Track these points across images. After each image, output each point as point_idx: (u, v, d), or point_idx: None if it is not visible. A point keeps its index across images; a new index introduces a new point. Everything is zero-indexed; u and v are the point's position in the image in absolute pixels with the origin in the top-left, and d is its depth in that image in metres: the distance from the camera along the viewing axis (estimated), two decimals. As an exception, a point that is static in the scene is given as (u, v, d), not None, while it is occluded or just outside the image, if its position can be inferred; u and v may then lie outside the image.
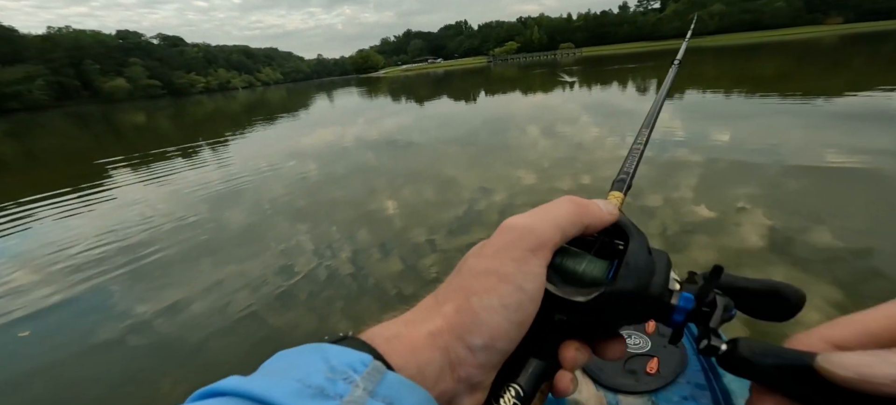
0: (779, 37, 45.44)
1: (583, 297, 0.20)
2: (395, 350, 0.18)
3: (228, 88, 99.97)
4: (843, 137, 3.67)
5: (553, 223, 0.20)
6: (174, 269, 2.47)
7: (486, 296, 0.19)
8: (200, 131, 10.64)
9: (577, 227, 0.21)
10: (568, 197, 0.22)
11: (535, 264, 0.19)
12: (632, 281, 0.20)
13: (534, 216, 0.21)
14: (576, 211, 0.21)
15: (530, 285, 0.19)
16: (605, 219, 0.22)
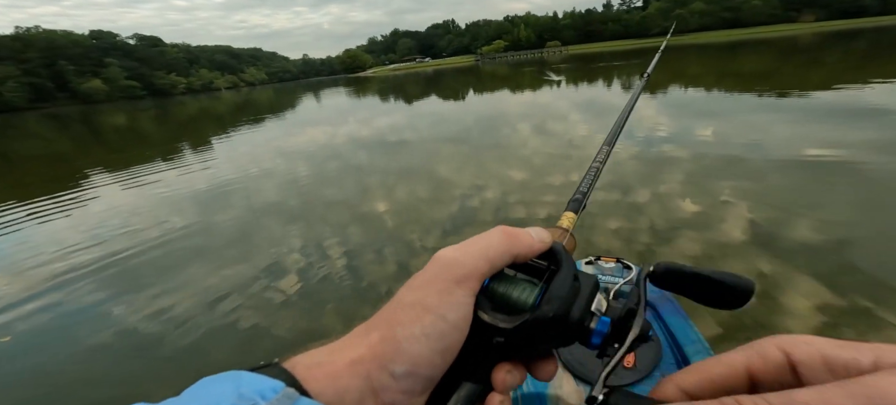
0: (758, 34, 46.77)
1: (508, 324, 0.21)
2: (314, 377, 0.19)
3: (212, 89, 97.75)
4: (821, 131, 3.82)
5: (481, 255, 0.22)
6: (161, 273, 2.42)
7: (409, 326, 0.20)
8: (185, 133, 10.39)
9: (506, 257, 0.23)
10: (500, 227, 0.23)
11: (460, 295, 0.21)
12: (553, 308, 0.21)
13: (462, 248, 0.22)
14: (505, 241, 0.23)
15: (454, 315, 0.20)
16: (535, 248, 0.23)
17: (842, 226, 2.04)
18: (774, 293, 1.56)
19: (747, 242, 1.98)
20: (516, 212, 2.69)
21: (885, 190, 2.44)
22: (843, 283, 1.58)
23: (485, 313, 0.22)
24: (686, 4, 73.92)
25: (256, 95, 33.15)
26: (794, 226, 2.07)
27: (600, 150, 0.54)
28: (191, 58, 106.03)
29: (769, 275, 1.67)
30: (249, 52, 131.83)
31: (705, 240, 2.04)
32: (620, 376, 0.82)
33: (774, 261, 1.78)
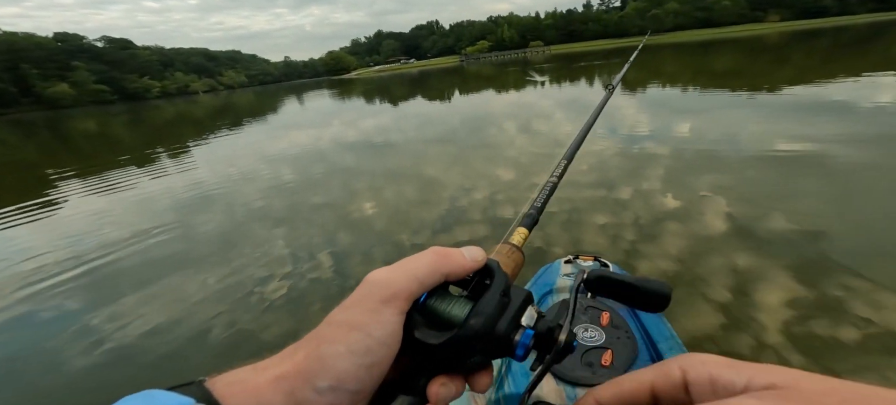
0: (728, 34, 48.77)
1: (436, 339, 0.22)
2: (233, 393, 0.19)
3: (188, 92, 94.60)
4: (790, 126, 4.01)
5: (410, 275, 0.23)
6: (139, 281, 2.32)
7: (334, 343, 0.21)
8: (161, 138, 10.02)
9: (437, 276, 0.24)
10: (432, 249, 0.25)
11: (388, 313, 0.22)
12: (479, 323, 0.22)
13: (392, 269, 0.24)
14: (435, 261, 0.24)
15: (380, 332, 0.21)
16: (467, 267, 0.25)
17: (813, 218, 2.14)
18: (751, 287, 1.63)
19: (727, 235, 2.06)
20: (505, 211, 2.72)
21: (851, 181, 2.59)
22: (816, 274, 1.67)
23: (416, 330, 0.23)
24: (661, 4, 76.42)
25: (236, 99, 32.27)
26: (769, 219, 2.17)
27: (559, 164, 0.55)
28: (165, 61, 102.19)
29: (746, 269, 1.75)
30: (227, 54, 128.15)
31: (687, 234, 2.11)
32: (598, 374, 0.85)
33: (752, 253, 1.86)
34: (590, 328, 0.95)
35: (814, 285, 1.58)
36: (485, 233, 2.43)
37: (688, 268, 1.81)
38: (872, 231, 1.97)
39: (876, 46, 13.01)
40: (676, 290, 1.66)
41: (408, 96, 14.23)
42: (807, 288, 1.58)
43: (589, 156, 3.82)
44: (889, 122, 3.78)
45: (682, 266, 1.84)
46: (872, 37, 17.94)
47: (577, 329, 0.96)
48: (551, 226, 2.39)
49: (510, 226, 0.36)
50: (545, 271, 1.23)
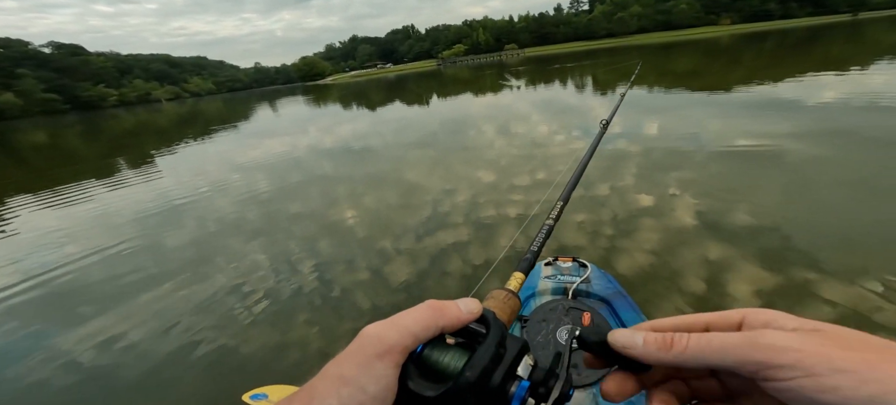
0: (687, 36, 51.85)
1: (432, 392, 0.22)
2: None
3: (150, 101, 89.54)
4: (747, 124, 4.29)
5: (405, 330, 0.23)
6: (104, 301, 2.16)
7: (326, 397, 0.21)
8: (121, 149, 9.41)
9: (432, 330, 0.24)
10: (428, 302, 0.25)
11: (381, 368, 0.22)
12: (474, 375, 0.23)
13: (387, 324, 0.24)
14: (430, 315, 0.24)
15: (373, 387, 0.21)
16: (462, 319, 0.25)
17: (772, 209, 2.30)
18: (722, 276, 1.73)
19: (696, 229, 2.17)
20: (487, 212, 2.74)
21: (804, 173, 2.80)
22: (779, 262, 1.79)
23: (411, 381, 0.23)
24: (626, 8, 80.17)
25: (204, 107, 30.84)
26: (733, 213, 2.31)
27: (554, 206, 0.57)
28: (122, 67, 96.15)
29: (716, 261, 1.85)
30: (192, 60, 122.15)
31: (661, 229, 2.21)
32: (584, 375, 0.87)
33: (720, 245, 1.97)
34: (574, 329, 0.97)
35: (777, 273, 1.70)
36: (466, 236, 2.45)
37: (663, 263, 1.89)
38: (824, 219, 2.14)
39: (815, 48, 14.22)
40: (653, 284, 1.74)
41: (386, 101, 14.12)
42: (771, 276, 1.69)
43: (567, 156, 3.93)
44: (832, 118, 4.13)
45: (658, 260, 1.92)
46: (811, 39, 19.60)
47: (560, 331, 0.99)
48: (534, 229, 2.43)
49: (492, 263, 0.35)
50: None
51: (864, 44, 13.20)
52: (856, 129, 3.65)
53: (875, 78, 6.18)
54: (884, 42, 13.22)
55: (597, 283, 1.14)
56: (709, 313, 0.24)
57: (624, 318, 1.03)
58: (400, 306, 1.73)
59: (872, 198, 2.32)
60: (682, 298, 1.62)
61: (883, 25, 26.12)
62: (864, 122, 3.81)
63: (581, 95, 8.81)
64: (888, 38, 14.84)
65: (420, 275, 2.09)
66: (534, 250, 0.44)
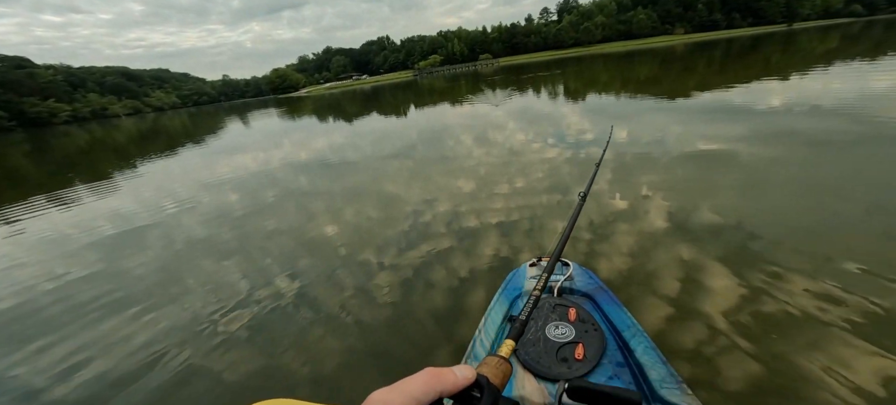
0: (645, 45, 55.33)
1: None
2: None
3: (106, 116, 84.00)
4: (704, 128, 4.60)
5: (408, 396, 0.26)
6: (64, 329, 1.98)
7: None
8: (74, 168, 8.73)
9: (433, 395, 0.27)
10: (426, 370, 0.28)
11: None
12: None
13: (392, 391, 0.26)
14: (430, 382, 0.27)
15: None
16: (459, 385, 0.28)
17: (734, 207, 2.47)
18: (696, 275, 1.82)
19: (669, 230, 2.29)
20: (468, 223, 2.76)
21: (758, 173, 3.03)
22: (744, 258, 1.91)
23: None
24: (591, 18, 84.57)
25: (167, 122, 29.29)
26: (699, 213, 2.46)
27: (540, 279, 0.61)
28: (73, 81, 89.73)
29: (687, 260, 1.96)
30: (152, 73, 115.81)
31: (636, 232, 2.31)
32: (574, 368, 0.89)
33: (690, 245, 2.09)
34: (560, 325, 0.97)
35: (742, 268, 1.82)
36: (450, 245, 2.45)
37: (639, 264, 1.98)
38: (780, 216, 2.32)
39: (757, 56, 15.54)
40: (633, 285, 1.81)
41: (362, 113, 13.99)
42: (737, 271, 1.81)
43: (543, 163, 4.05)
44: (780, 122, 4.51)
45: (634, 261, 2.01)
46: (753, 47, 21.42)
47: (548, 328, 1.01)
48: (515, 234, 2.48)
49: (475, 273, 0.36)
50: (513, 276, 1.27)
51: (798, 53, 14.58)
52: (799, 131, 4.00)
53: (813, 84, 6.83)
54: (815, 50, 14.66)
55: (579, 280, 1.17)
56: None
57: (607, 311, 1.06)
58: (385, 322, 1.69)
59: (818, 193, 2.54)
60: (658, 297, 1.70)
61: (813, 34, 29.02)
62: (805, 125, 4.19)
63: (555, 104, 9.12)
64: (819, 46, 16.48)
65: (405, 287, 2.07)
66: (522, 319, 0.50)
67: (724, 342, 1.41)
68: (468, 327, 1.67)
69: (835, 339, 1.37)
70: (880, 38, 16.92)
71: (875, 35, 19.76)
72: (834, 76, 7.58)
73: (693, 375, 1.29)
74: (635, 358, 0.95)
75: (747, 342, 1.40)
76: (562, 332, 0.96)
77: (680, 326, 1.52)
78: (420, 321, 1.78)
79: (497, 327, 1.03)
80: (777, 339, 1.40)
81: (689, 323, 1.53)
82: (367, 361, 1.58)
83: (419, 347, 1.62)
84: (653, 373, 0.84)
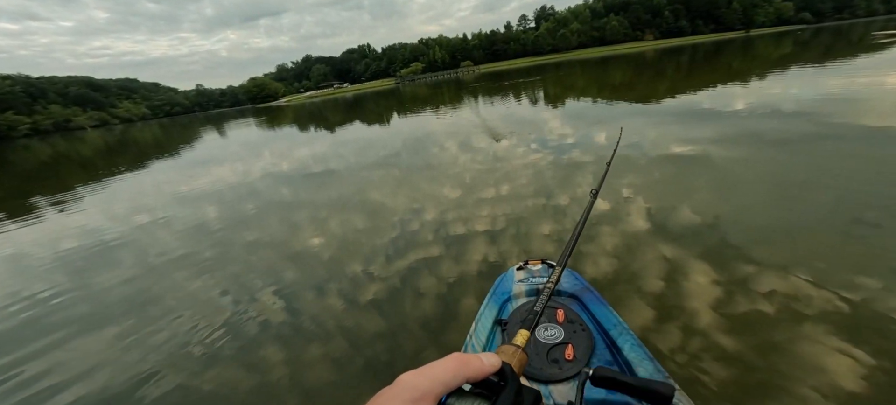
0: (619, 51, 57.71)
1: None
2: None
3: (70, 128, 79.52)
4: (678, 131, 4.82)
5: (436, 380, 0.26)
6: (32, 352, 1.84)
7: None
8: (36, 184, 8.20)
9: (459, 380, 0.28)
10: (454, 355, 0.29)
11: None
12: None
13: (420, 374, 0.27)
14: (458, 367, 0.28)
15: None
16: (485, 371, 0.29)
17: (709, 207, 2.59)
18: (677, 274, 1.90)
19: (650, 231, 2.37)
20: (456, 230, 2.78)
21: (730, 174, 3.19)
22: (722, 255, 2.00)
23: None
24: (567, 25, 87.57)
25: (137, 133, 28.03)
26: (678, 212, 2.56)
27: (554, 271, 0.63)
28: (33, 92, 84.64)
29: (669, 258, 2.04)
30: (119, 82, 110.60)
31: (620, 233, 2.39)
32: (564, 368, 0.91)
33: (670, 245, 2.17)
34: (549, 327, 0.99)
35: (719, 266, 1.91)
36: (438, 253, 2.46)
37: (624, 263, 2.04)
38: (753, 213, 2.45)
39: (720, 61, 16.48)
40: (618, 285, 1.87)
41: (345, 121, 13.85)
42: (715, 269, 1.90)
43: (527, 167, 4.13)
44: (745, 124, 4.78)
45: (618, 261, 2.07)
46: (716, 53, 22.72)
47: (538, 330, 1.02)
48: (503, 240, 2.51)
49: (465, 279, 0.37)
50: (501, 280, 1.29)
51: (757, 58, 15.54)
52: (763, 132, 4.26)
53: (772, 88, 7.29)
54: (772, 56, 15.68)
55: (566, 282, 1.19)
56: None
57: (594, 312, 1.08)
58: (375, 333, 1.67)
59: (786, 191, 2.71)
60: (644, 298, 1.76)
61: (769, 41, 31.06)
62: (769, 127, 4.47)
63: (536, 109, 9.32)
64: (775, 52, 17.65)
65: (394, 296, 2.06)
66: (536, 311, 0.50)
67: (706, 337, 1.48)
68: (458, 333, 1.68)
69: (810, 331, 1.46)
70: (829, 44, 18.28)
71: (824, 41, 21.33)
72: (791, 80, 8.13)
73: (678, 370, 1.34)
74: (623, 356, 0.98)
75: (728, 337, 1.46)
76: (551, 334, 0.98)
77: (664, 324, 1.58)
78: (410, 329, 1.77)
79: (488, 331, 1.03)
80: (756, 333, 1.48)
81: (673, 320, 1.59)
82: (358, 373, 1.56)
83: (410, 356, 1.61)
84: (640, 370, 0.86)
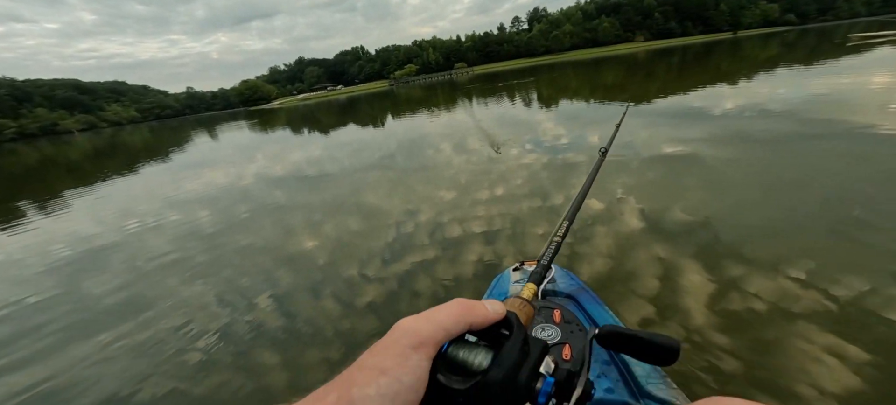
0: (611, 52, 58.47)
1: (462, 385, 0.24)
2: None
3: (57, 132, 78.03)
4: (669, 132, 4.88)
5: (437, 324, 0.24)
6: (26, 359, 1.80)
7: (365, 386, 0.22)
8: (23, 188, 8.02)
9: (462, 326, 0.25)
10: (457, 300, 0.27)
11: (416, 359, 0.23)
12: (502, 371, 0.24)
13: (420, 318, 0.25)
14: (460, 312, 0.26)
15: (409, 378, 0.23)
16: (489, 318, 0.27)
17: (701, 207, 2.62)
18: (671, 273, 1.92)
19: (643, 231, 2.40)
20: (452, 232, 2.78)
21: (720, 174, 3.25)
22: (714, 254, 2.03)
23: (442, 375, 0.24)
24: (559, 26, 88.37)
25: (126, 137, 27.58)
26: (671, 212, 2.59)
27: (560, 225, 0.62)
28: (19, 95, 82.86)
29: (662, 258, 2.06)
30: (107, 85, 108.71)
31: (614, 233, 2.41)
32: (561, 370, 0.91)
33: (663, 244, 2.20)
34: (546, 327, 0.97)
35: (712, 266, 1.93)
36: (434, 255, 2.45)
37: (618, 264, 2.06)
38: (744, 212, 2.50)
39: (709, 62, 16.78)
40: (613, 284, 1.88)
41: (339, 124, 13.78)
42: (708, 269, 1.92)
43: (521, 169, 4.15)
44: (733, 125, 4.86)
45: (614, 261, 2.09)
46: (705, 54, 23.12)
47: (535, 330, 1.03)
48: (499, 241, 2.52)
49: (461, 280, 0.36)
50: (498, 281, 1.30)
51: (745, 59, 15.84)
52: (752, 132, 4.34)
53: (760, 89, 7.43)
54: (759, 57, 15.99)
55: (561, 282, 1.20)
56: None
57: (590, 311, 1.09)
58: (372, 335, 1.67)
59: (775, 189, 2.76)
60: (639, 298, 1.78)
61: (756, 42, 31.68)
62: (758, 127, 4.55)
63: (529, 110, 9.38)
64: (761, 53, 18.00)
65: (390, 299, 2.05)
66: (543, 264, 0.47)
67: (701, 335, 1.50)
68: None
69: (800, 328, 1.49)
70: (813, 45, 18.70)
71: (808, 43, 21.82)
72: (778, 80, 8.29)
73: (675, 368, 1.36)
74: (620, 355, 0.99)
75: (721, 335, 1.49)
76: (549, 334, 0.98)
77: (659, 322, 1.60)
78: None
79: None
80: (748, 330, 1.50)
81: (668, 318, 1.61)
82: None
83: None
84: (638, 369, 0.87)
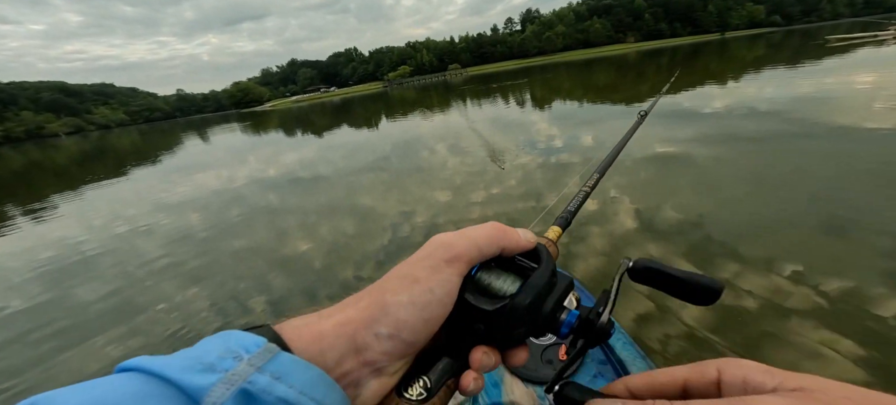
0: (602, 53, 59.19)
1: (489, 306, 0.24)
2: (300, 336, 0.21)
3: (44, 135, 76.43)
4: (660, 132, 4.95)
5: (472, 242, 0.24)
6: (17, 366, 1.76)
7: (398, 293, 0.22)
8: (9, 193, 7.82)
9: (495, 248, 0.25)
10: (493, 222, 0.26)
11: (448, 273, 0.23)
12: (529, 297, 0.24)
13: (456, 234, 0.25)
14: (495, 234, 0.25)
15: (440, 290, 0.23)
16: (521, 245, 0.26)
17: (692, 206, 2.67)
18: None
19: (638, 230, 2.43)
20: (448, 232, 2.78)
21: (711, 173, 3.30)
22: (706, 252, 2.06)
23: (469, 295, 0.24)
24: (552, 28, 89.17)
25: (115, 140, 27.12)
26: (663, 211, 2.63)
27: (591, 177, 0.63)
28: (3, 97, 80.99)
29: (656, 257, 2.09)
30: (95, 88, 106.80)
31: (608, 233, 2.43)
32: (557, 367, 0.92)
33: (657, 242, 2.23)
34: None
35: (705, 263, 1.97)
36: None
37: (612, 262, 2.08)
38: (732, 210, 2.54)
39: (698, 62, 17.06)
40: (609, 284, 1.90)
41: (332, 126, 13.71)
42: (700, 266, 1.95)
43: (515, 169, 4.17)
44: (723, 124, 4.95)
45: (608, 260, 2.11)
46: (694, 54, 23.51)
47: None
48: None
49: None
50: None
51: (733, 60, 16.15)
52: (741, 132, 4.42)
53: (748, 89, 7.57)
54: (746, 58, 16.32)
55: None
56: (683, 367, 0.22)
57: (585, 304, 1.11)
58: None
59: (764, 187, 2.81)
60: (634, 296, 1.79)
61: (743, 43, 32.31)
62: (747, 126, 4.64)
63: (524, 111, 9.43)
64: (748, 54, 18.37)
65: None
66: (571, 210, 0.46)
67: (695, 334, 1.52)
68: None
69: (793, 324, 1.52)
70: (798, 46, 19.13)
71: (794, 43, 22.32)
72: (765, 81, 8.46)
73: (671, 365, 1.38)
74: (616, 354, 1.00)
75: (716, 333, 1.51)
76: (545, 335, 0.99)
77: (654, 321, 1.62)
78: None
79: None
80: (743, 326, 1.53)
81: (662, 317, 1.63)
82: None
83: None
84: (633, 368, 0.89)
